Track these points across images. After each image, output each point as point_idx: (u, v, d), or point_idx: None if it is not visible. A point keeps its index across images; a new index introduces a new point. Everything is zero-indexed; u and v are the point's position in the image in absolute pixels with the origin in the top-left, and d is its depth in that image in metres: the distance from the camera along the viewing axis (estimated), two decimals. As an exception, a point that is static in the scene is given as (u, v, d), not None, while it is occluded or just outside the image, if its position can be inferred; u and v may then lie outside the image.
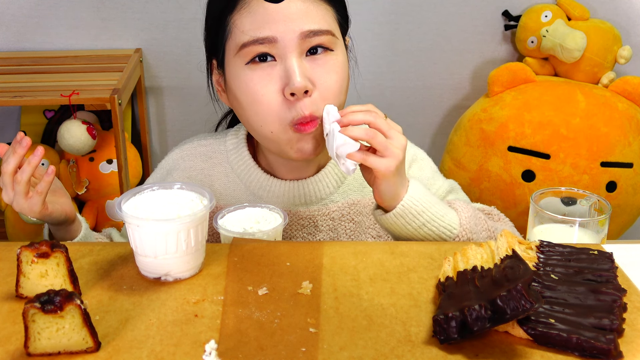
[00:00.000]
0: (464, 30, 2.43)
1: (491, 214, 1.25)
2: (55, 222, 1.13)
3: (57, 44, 2.36)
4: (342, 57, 1.13)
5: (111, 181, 2.28)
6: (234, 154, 1.24)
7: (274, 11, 1.07)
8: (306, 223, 1.22)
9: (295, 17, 1.07)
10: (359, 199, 1.24)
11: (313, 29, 1.08)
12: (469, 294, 0.78)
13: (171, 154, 1.30)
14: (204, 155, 1.26)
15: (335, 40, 1.11)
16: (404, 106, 2.52)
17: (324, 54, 1.10)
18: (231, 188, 1.23)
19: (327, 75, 1.09)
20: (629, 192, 2.14)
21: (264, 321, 0.80)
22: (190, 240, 0.88)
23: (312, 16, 1.08)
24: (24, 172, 1.05)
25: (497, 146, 2.15)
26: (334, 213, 1.22)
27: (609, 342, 0.73)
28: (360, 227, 1.24)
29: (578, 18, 2.30)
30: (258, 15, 1.07)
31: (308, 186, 1.21)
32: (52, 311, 0.72)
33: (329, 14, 1.11)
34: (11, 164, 1.05)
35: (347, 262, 0.93)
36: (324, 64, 1.09)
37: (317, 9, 1.09)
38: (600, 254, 0.90)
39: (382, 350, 0.76)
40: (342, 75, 1.12)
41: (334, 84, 1.10)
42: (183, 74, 2.42)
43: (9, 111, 2.40)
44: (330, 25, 1.11)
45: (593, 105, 2.11)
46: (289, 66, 1.07)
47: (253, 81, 1.09)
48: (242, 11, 1.09)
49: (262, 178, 1.22)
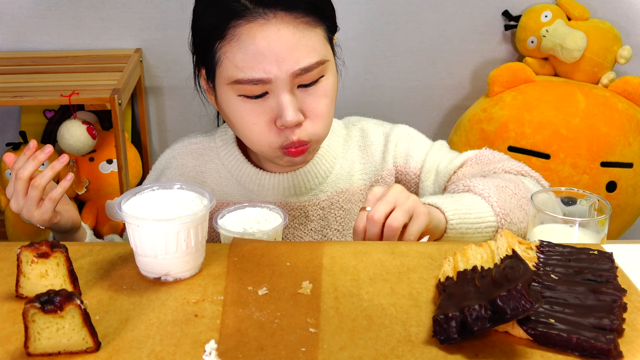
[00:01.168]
0: (464, 30, 2.43)
1: (522, 173, 1.23)
2: (61, 230, 1.13)
3: (57, 44, 2.36)
4: (332, 78, 1.14)
5: (111, 181, 2.28)
6: (223, 150, 1.26)
7: (265, 48, 1.06)
8: (297, 214, 1.25)
9: (286, 55, 1.06)
10: (347, 187, 1.26)
11: (304, 66, 1.08)
12: (469, 294, 0.78)
13: (163, 155, 1.32)
14: (195, 153, 1.28)
15: (325, 66, 1.11)
16: (404, 106, 2.53)
17: (315, 84, 1.11)
18: (223, 184, 1.25)
19: (317, 102, 1.11)
20: (629, 192, 2.14)
21: (264, 321, 0.80)
22: (190, 240, 0.88)
23: (303, 50, 1.08)
24: (44, 177, 1.05)
25: (497, 146, 2.15)
26: (323, 202, 1.25)
27: (609, 342, 0.73)
28: (350, 214, 1.26)
29: (578, 18, 2.30)
30: (249, 52, 1.07)
31: (298, 178, 1.23)
32: (52, 311, 0.72)
33: (318, 37, 1.10)
34: (28, 169, 1.04)
35: (347, 262, 0.93)
36: (314, 92, 1.11)
37: (307, 39, 1.08)
38: (600, 254, 0.90)
39: (382, 350, 0.76)
40: (332, 96, 1.14)
41: (324, 108, 1.12)
42: (183, 74, 2.39)
43: (9, 111, 2.40)
44: (321, 52, 1.10)
45: (593, 105, 2.11)
46: (281, 102, 1.08)
47: (246, 111, 1.11)
48: (233, 43, 1.08)
49: (253, 172, 1.24)
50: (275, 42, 1.06)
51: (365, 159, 1.28)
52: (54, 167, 1.05)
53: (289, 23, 1.07)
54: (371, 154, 1.29)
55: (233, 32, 1.08)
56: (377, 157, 1.28)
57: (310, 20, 1.09)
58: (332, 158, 1.26)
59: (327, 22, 1.13)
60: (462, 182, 1.17)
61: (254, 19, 1.07)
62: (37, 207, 1.06)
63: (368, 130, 1.30)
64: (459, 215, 1.08)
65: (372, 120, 1.34)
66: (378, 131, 1.30)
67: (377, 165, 1.28)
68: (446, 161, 1.26)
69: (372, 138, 1.29)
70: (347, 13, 1.18)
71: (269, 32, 1.06)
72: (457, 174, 1.24)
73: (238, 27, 1.07)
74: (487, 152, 1.28)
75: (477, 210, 1.10)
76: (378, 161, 1.28)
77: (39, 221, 1.07)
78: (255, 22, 1.07)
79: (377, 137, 1.30)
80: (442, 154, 1.28)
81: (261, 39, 1.06)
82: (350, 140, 1.30)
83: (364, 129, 1.31)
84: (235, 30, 1.08)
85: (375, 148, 1.29)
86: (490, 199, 1.11)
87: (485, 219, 1.10)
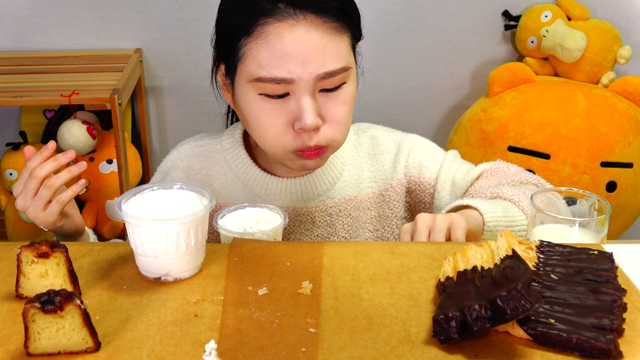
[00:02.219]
0: (464, 30, 2.43)
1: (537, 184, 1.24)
2: (64, 234, 1.13)
3: (57, 44, 2.36)
4: (352, 85, 1.13)
5: (111, 181, 2.28)
6: (230, 153, 1.25)
7: (291, 49, 1.06)
8: (304, 219, 1.23)
9: (312, 58, 1.06)
10: (355, 194, 1.25)
11: (329, 70, 1.07)
12: (469, 294, 0.78)
13: (169, 157, 1.30)
14: (201, 155, 1.27)
15: (348, 73, 1.11)
16: (404, 106, 2.53)
17: (337, 89, 1.10)
18: (229, 187, 1.24)
19: (337, 108, 1.11)
20: (629, 192, 2.14)
21: (264, 321, 0.80)
22: (190, 240, 0.88)
23: (329, 54, 1.07)
24: (60, 179, 1.04)
25: (497, 146, 2.15)
26: (331, 209, 1.24)
27: (609, 342, 0.73)
28: (357, 222, 1.25)
29: (578, 18, 2.30)
30: (276, 51, 1.06)
31: (306, 183, 1.22)
32: (52, 311, 0.72)
33: (345, 44, 1.10)
34: (46, 169, 1.03)
35: (347, 262, 0.93)
36: (335, 97, 1.10)
37: (334, 44, 1.08)
38: (600, 254, 0.90)
39: (382, 350, 0.76)
40: (352, 103, 1.13)
41: (343, 115, 1.11)
42: (183, 74, 2.42)
43: (9, 111, 2.40)
44: (346, 58, 1.10)
45: (593, 105, 2.11)
46: (302, 104, 1.07)
47: (265, 112, 1.10)
48: (259, 40, 1.07)
49: (260, 176, 1.22)
50: (303, 44, 1.06)
51: (374, 167, 1.27)
52: (71, 170, 1.04)
53: (318, 26, 1.07)
54: (381, 162, 1.27)
55: (261, 29, 1.07)
56: (387, 166, 1.27)
57: (339, 26, 1.09)
58: (341, 164, 1.25)
59: (353, 29, 1.13)
60: (489, 190, 1.18)
61: (284, 19, 1.06)
62: (44, 208, 1.05)
63: (378, 138, 1.29)
64: (496, 218, 1.08)
65: (382, 128, 1.32)
66: (389, 139, 1.29)
67: (386, 174, 1.27)
68: (462, 172, 1.25)
69: (382, 146, 1.28)
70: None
71: (297, 33, 1.06)
72: (474, 185, 1.24)
73: (267, 25, 1.07)
74: (501, 164, 1.28)
75: (511, 213, 1.11)
76: (388, 170, 1.27)
77: (43, 222, 1.07)
78: (284, 21, 1.06)
79: (387, 146, 1.28)
80: (457, 164, 1.27)
81: (289, 39, 1.06)
82: (360, 147, 1.28)
83: (374, 136, 1.29)
84: (264, 28, 1.07)
85: (386, 157, 1.28)
86: (521, 203, 1.13)
87: (518, 221, 1.11)
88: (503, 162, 1.29)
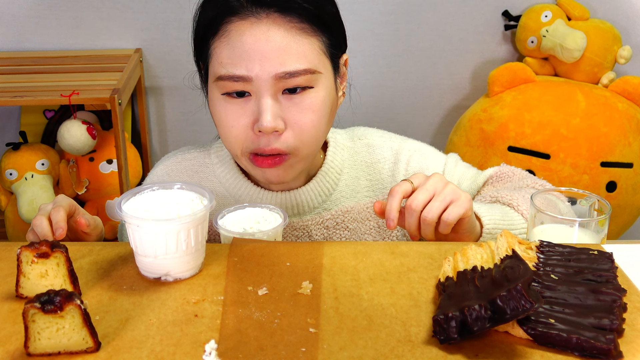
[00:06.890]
0: (464, 30, 2.44)
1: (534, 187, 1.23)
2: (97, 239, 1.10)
3: (57, 44, 2.36)
4: (322, 92, 1.09)
5: (111, 181, 2.28)
6: (220, 167, 1.22)
7: (250, 48, 1.04)
8: (300, 234, 1.20)
9: (271, 57, 1.04)
10: (353, 205, 1.22)
11: (289, 70, 1.05)
12: (469, 294, 0.78)
13: (155, 170, 1.27)
14: (189, 170, 1.24)
15: (315, 77, 1.07)
16: (404, 106, 2.53)
17: (301, 93, 1.07)
18: (220, 202, 1.20)
19: (301, 114, 1.07)
20: (629, 192, 2.14)
21: (264, 321, 0.80)
22: (190, 240, 0.88)
23: (290, 54, 1.05)
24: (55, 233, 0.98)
25: (497, 146, 2.15)
26: (327, 222, 1.21)
27: (609, 342, 0.73)
28: (356, 233, 1.22)
29: (578, 18, 2.30)
30: (236, 50, 1.05)
31: (299, 197, 1.19)
32: (52, 311, 0.72)
33: (312, 47, 1.07)
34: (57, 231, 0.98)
35: (347, 262, 0.93)
36: (300, 102, 1.07)
37: (297, 45, 1.05)
38: (600, 254, 0.90)
39: (382, 350, 0.76)
40: (320, 112, 1.09)
41: (309, 123, 1.08)
42: (183, 74, 2.39)
43: (9, 111, 2.40)
44: (311, 61, 1.07)
45: (593, 105, 2.11)
46: (261, 105, 1.06)
47: (226, 112, 1.08)
48: (222, 39, 1.07)
49: (252, 191, 1.20)
50: (263, 42, 1.04)
51: (372, 175, 1.24)
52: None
53: (281, 26, 1.05)
54: (378, 170, 1.24)
55: (225, 28, 1.06)
56: (385, 174, 1.24)
57: (306, 27, 1.06)
58: (336, 174, 1.22)
59: (327, 34, 1.09)
60: (489, 195, 1.17)
61: (246, 17, 1.05)
62: None
63: (375, 146, 1.25)
64: (495, 221, 1.07)
65: (378, 133, 1.28)
66: (385, 146, 1.25)
67: (384, 183, 1.23)
68: (468, 180, 1.24)
69: (379, 155, 1.24)
70: (347, 13, 1.18)
71: (259, 31, 1.04)
72: (481, 192, 1.23)
73: (230, 24, 1.06)
74: (506, 169, 1.26)
75: (510, 217, 1.10)
76: (386, 179, 1.23)
77: None
78: (246, 20, 1.05)
79: (384, 154, 1.25)
80: (461, 170, 1.25)
81: (249, 36, 1.04)
82: (356, 155, 1.24)
83: (370, 144, 1.25)
84: (227, 27, 1.06)
85: (383, 165, 1.24)
86: (520, 207, 1.12)
87: (517, 225, 1.10)
88: (507, 166, 1.27)
